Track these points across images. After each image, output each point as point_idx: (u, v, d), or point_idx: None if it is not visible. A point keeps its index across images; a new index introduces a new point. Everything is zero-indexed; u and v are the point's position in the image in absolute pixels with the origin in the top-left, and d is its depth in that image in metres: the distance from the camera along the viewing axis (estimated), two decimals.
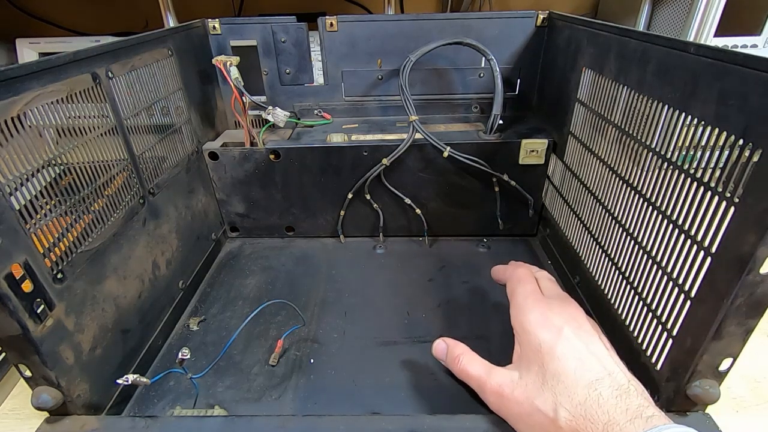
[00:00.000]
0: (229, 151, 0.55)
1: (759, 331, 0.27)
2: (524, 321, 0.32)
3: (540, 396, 0.28)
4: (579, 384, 0.27)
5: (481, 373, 0.33)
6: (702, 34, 0.69)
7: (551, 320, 0.31)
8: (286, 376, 0.41)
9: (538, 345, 0.30)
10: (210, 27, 0.57)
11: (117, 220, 0.39)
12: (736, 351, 0.29)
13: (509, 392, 0.30)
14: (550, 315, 0.32)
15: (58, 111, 0.33)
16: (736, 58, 0.26)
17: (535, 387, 0.29)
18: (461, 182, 0.57)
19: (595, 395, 0.26)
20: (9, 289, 0.27)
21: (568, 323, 0.31)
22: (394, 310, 0.49)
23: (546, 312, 0.32)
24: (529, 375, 0.30)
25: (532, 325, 0.31)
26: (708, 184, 0.28)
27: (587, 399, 0.26)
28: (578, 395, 0.27)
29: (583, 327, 0.31)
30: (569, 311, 0.32)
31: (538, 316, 0.32)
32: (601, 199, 0.43)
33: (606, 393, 0.26)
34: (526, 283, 0.36)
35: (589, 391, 0.27)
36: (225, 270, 0.56)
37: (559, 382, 0.28)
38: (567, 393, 0.27)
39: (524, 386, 0.30)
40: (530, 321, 0.32)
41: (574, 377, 0.28)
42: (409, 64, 0.52)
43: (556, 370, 0.28)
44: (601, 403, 0.26)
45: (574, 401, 0.27)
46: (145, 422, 0.32)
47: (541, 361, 0.29)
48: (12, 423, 0.39)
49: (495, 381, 0.31)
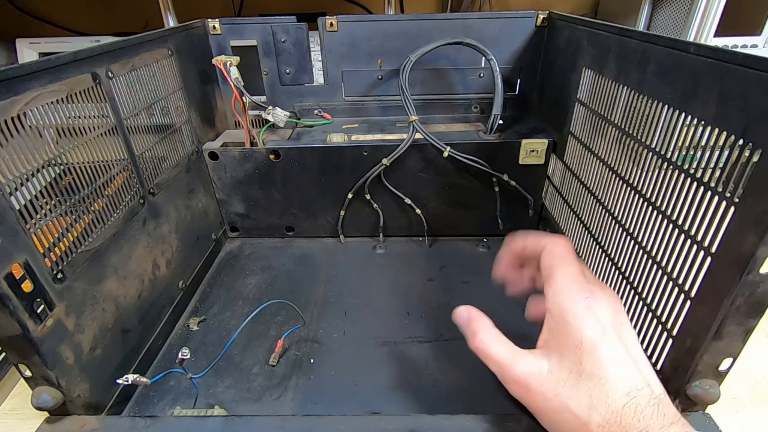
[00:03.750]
0: (229, 151, 0.55)
1: (759, 331, 0.27)
2: (566, 309, 0.29)
3: (573, 396, 0.27)
4: (618, 391, 0.26)
5: (504, 357, 0.30)
6: (702, 34, 0.69)
7: (596, 314, 0.28)
8: (286, 376, 0.41)
9: (579, 340, 0.27)
10: (210, 27, 0.57)
11: (117, 220, 0.39)
12: (736, 351, 0.29)
13: (537, 385, 0.28)
14: (596, 308, 0.29)
15: (58, 111, 0.33)
16: (736, 58, 0.26)
17: (568, 385, 0.27)
18: (461, 182, 0.57)
19: (633, 404, 0.25)
20: (9, 289, 0.27)
21: (612, 320, 0.28)
22: (394, 310, 0.49)
23: (592, 304, 0.29)
24: (561, 369, 0.28)
25: (576, 317, 0.28)
26: (708, 184, 0.28)
27: (625, 406, 0.25)
28: (616, 402, 0.26)
29: (625, 325, 0.29)
30: (613, 304, 0.30)
31: (583, 308, 0.28)
32: (601, 199, 0.43)
33: (643, 402, 0.26)
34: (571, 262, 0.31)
35: (628, 400, 0.26)
36: (225, 270, 0.56)
37: (597, 385, 0.26)
38: (604, 398, 0.26)
39: (554, 381, 0.27)
40: (574, 312, 0.28)
41: (614, 383, 0.26)
42: (409, 64, 0.52)
43: (594, 372, 0.27)
44: (637, 412, 0.25)
45: (611, 407, 0.26)
46: (145, 422, 0.32)
47: (579, 358, 0.27)
48: (12, 423, 0.39)
49: (521, 370, 0.29)
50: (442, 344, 0.44)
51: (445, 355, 0.43)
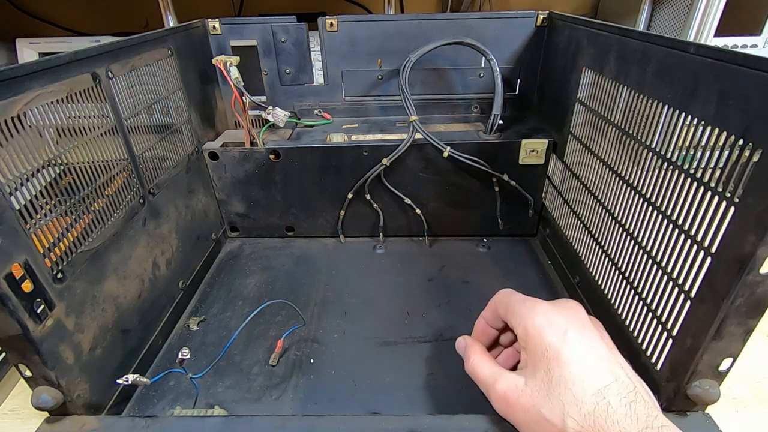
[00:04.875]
0: (229, 151, 0.55)
1: (759, 331, 0.27)
2: (527, 325, 0.31)
3: (546, 404, 0.28)
4: (587, 392, 0.27)
5: (488, 377, 0.32)
6: (702, 34, 0.69)
7: (555, 322, 0.30)
8: (286, 376, 0.41)
9: (544, 349, 0.29)
10: (210, 27, 0.57)
11: (117, 220, 0.39)
12: (736, 351, 0.29)
13: (515, 399, 0.30)
14: (553, 316, 0.31)
15: (58, 111, 0.33)
16: (736, 58, 0.26)
17: (542, 394, 0.28)
18: (461, 182, 0.57)
19: (604, 404, 0.26)
20: (9, 289, 0.27)
21: (571, 323, 0.30)
22: (394, 310, 0.49)
23: (548, 313, 0.31)
24: (535, 381, 0.29)
25: (536, 329, 0.30)
26: (708, 184, 0.28)
27: (596, 408, 0.26)
28: (587, 404, 0.26)
29: (586, 326, 0.31)
30: (571, 310, 0.32)
31: (542, 319, 0.31)
32: (601, 199, 0.43)
33: (615, 401, 0.26)
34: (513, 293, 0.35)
35: (598, 400, 0.26)
36: (225, 270, 0.56)
37: (566, 390, 0.27)
38: (575, 402, 0.27)
39: (530, 393, 0.29)
40: (534, 324, 0.31)
41: (581, 384, 0.27)
42: (409, 64, 0.52)
43: (562, 376, 0.28)
44: (610, 413, 0.26)
45: (582, 411, 0.26)
46: (145, 422, 0.32)
47: (547, 366, 0.29)
48: (12, 423, 0.39)
49: (500, 387, 0.31)
50: (442, 344, 0.44)
51: (445, 355, 0.43)
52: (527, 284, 0.52)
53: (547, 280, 0.53)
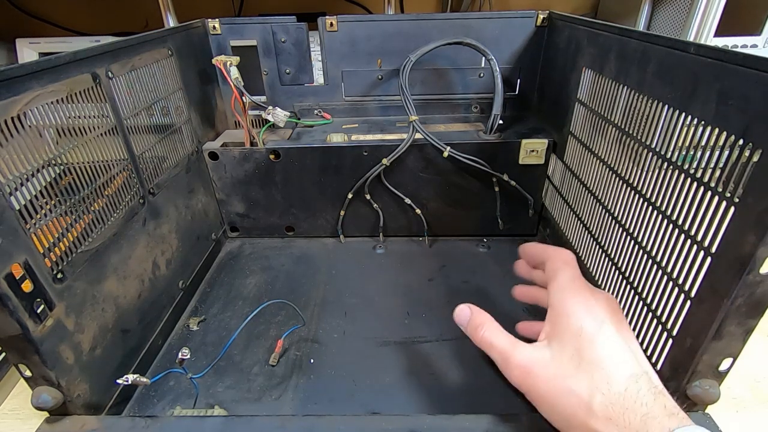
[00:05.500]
0: (229, 151, 0.55)
1: (759, 331, 0.27)
2: (567, 302, 0.31)
3: (574, 377, 0.28)
4: (619, 374, 0.27)
5: (506, 345, 0.32)
6: (702, 34, 0.69)
7: (595, 310, 0.30)
8: (286, 376, 0.41)
9: (579, 329, 0.29)
10: (210, 27, 0.57)
11: (117, 220, 0.39)
12: (736, 351, 0.29)
13: (539, 369, 0.29)
14: (594, 305, 0.31)
15: (58, 111, 0.33)
16: (736, 58, 0.26)
17: (570, 368, 0.28)
18: (461, 182, 0.57)
19: (635, 388, 0.26)
20: (9, 289, 0.27)
21: (610, 317, 0.30)
22: (394, 310, 0.49)
23: (590, 300, 0.31)
24: (563, 355, 0.29)
25: (575, 308, 0.30)
26: (708, 184, 0.28)
27: (627, 389, 0.26)
28: (618, 384, 0.26)
29: (623, 324, 0.31)
30: (612, 306, 0.31)
31: (582, 302, 0.31)
32: (601, 199, 0.43)
33: (644, 388, 0.26)
34: (573, 267, 0.34)
35: (630, 383, 0.26)
36: (225, 270, 0.56)
37: (598, 369, 0.27)
38: (606, 380, 0.27)
39: (557, 366, 0.29)
40: (574, 304, 0.30)
41: (614, 367, 0.27)
42: (409, 64, 0.52)
43: (594, 358, 0.28)
44: (640, 396, 0.26)
45: (612, 389, 0.26)
46: (145, 422, 0.32)
47: (579, 346, 0.29)
48: (12, 423, 0.39)
49: (523, 356, 0.30)
50: (442, 344, 0.44)
51: (445, 355, 0.43)
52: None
53: None
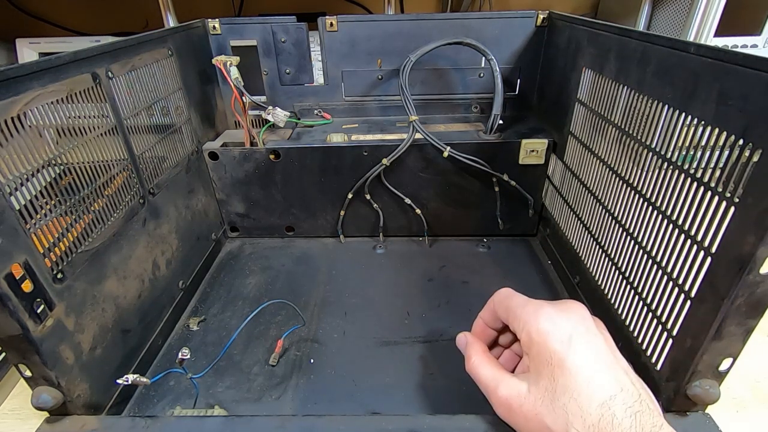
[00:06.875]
0: (229, 151, 0.55)
1: (759, 331, 0.27)
2: (531, 330, 0.30)
3: (550, 414, 0.27)
4: (592, 403, 0.26)
5: (490, 380, 0.32)
6: (702, 34, 0.69)
7: (559, 327, 0.30)
8: (286, 376, 0.41)
9: (549, 356, 0.29)
10: (210, 27, 0.57)
11: (117, 220, 0.39)
12: (736, 351, 0.29)
13: (517, 406, 0.29)
14: (557, 320, 0.30)
15: (58, 111, 0.33)
16: (736, 58, 0.26)
17: (545, 403, 0.28)
18: (461, 182, 0.57)
19: (609, 415, 0.26)
20: (9, 289, 0.27)
21: (575, 328, 0.29)
22: (394, 310, 0.49)
23: (552, 317, 0.30)
24: (538, 389, 0.28)
25: (541, 334, 0.29)
26: (708, 184, 0.28)
27: (601, 420, 0.26)
28: (591, 416, 0.26)
29: (591, 331, 0.30)
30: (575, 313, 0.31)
31: (546, 324, 0.30)
32: (601, 199, 0.43)
33: (620, 413, 0.26)
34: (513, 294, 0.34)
35: (603, 411, 0.26)
36: (225, 270, 0.56)
37: (571, 400, 0.27)
38: (579, 413, 0.26)
39: (533, 401, 0.28)
40: (538, 330, 0.30)
41: (586, 395, 0.27)
42: (409, 64, 0.52)
43: (566, 385, 0.27)
44: (615, 425, 0.25)
45: (587, 422, 0.26)
46: (145, 422, 0.32)
47: (551, 373, 0.28)
48: (12, 423, 0.39)
49: (503, 392, 0.30)
50: (442, 344, 0.44)
51: (445, 355, 0.43)
52: (527, 284, 0.52)
53: (547, 280, 0.53)
